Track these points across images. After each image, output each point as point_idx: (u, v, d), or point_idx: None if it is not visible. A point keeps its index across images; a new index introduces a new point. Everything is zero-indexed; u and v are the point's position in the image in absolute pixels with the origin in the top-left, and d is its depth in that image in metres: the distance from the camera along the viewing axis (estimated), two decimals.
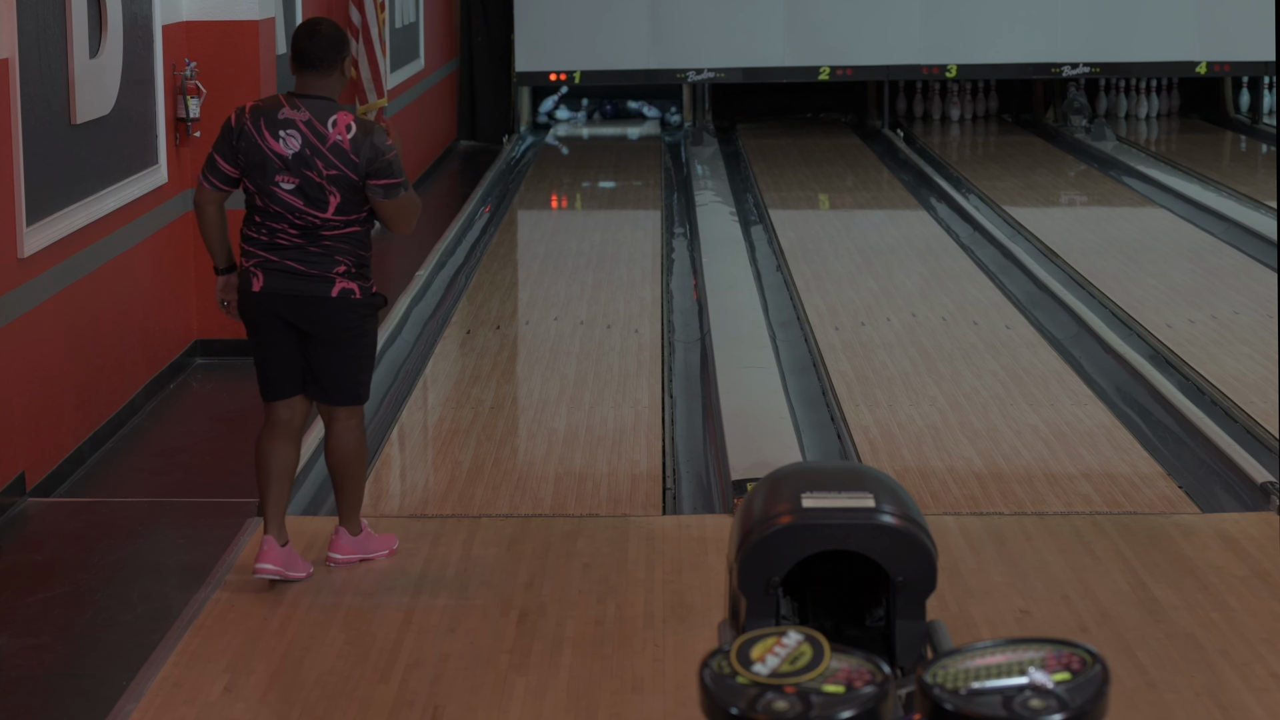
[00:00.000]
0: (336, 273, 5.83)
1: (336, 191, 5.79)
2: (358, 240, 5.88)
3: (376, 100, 13.01)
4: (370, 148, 5.82)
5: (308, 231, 5.82)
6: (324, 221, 5.81)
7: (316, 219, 5.81)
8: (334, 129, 5.80)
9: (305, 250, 5.83)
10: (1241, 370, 8.93)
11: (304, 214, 5.80)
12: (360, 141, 5.82)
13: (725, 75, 18.27)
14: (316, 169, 5.77)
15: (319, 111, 5.82)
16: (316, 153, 5.77)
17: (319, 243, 5.83)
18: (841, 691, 2.94)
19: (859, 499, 4.13)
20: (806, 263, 11.93)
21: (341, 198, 5.80)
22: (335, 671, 5.28)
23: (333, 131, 5.79)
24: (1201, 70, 18.45)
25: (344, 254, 5.84)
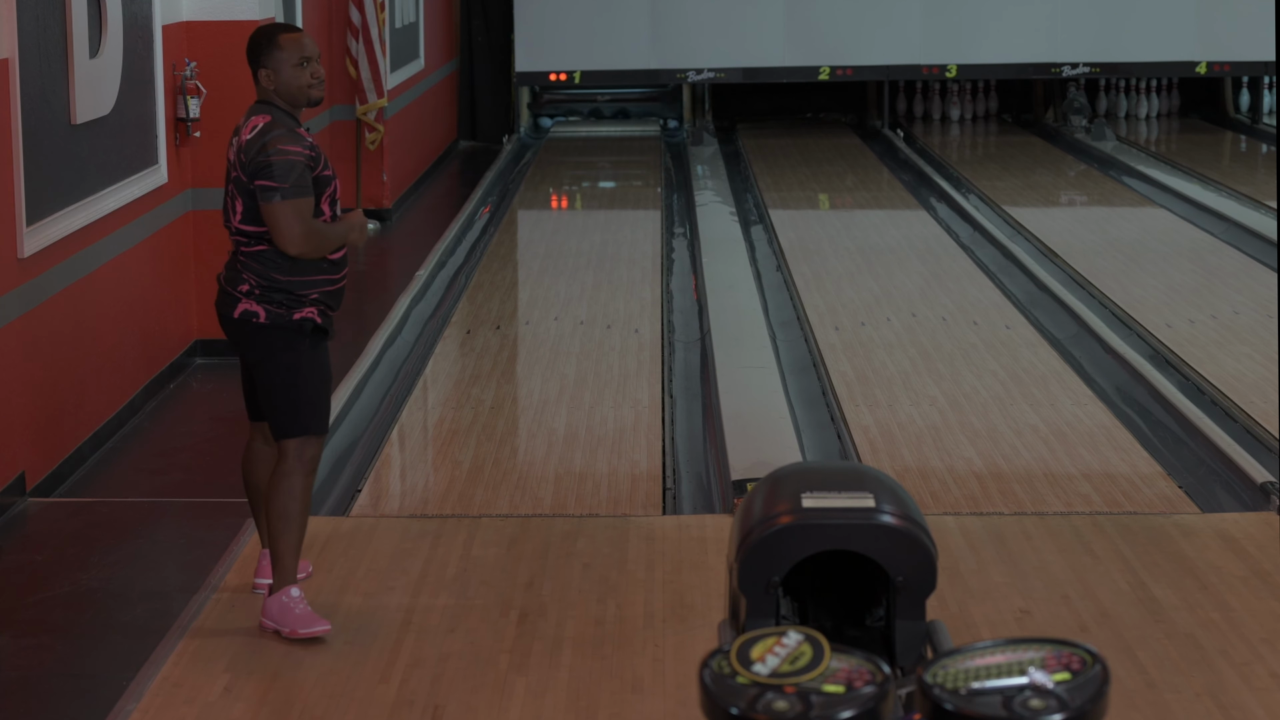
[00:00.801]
0: (240, 290, 5.51)
1: (238, 196, 5.46)
2: (265, 259, 5.44)
3: (376, 100, 13.01)
4: (259, 147, 5.39)
5: (234, 244, 5.56)
6: (235, 231, 5.51)
7: (230, 229, 5.54)
8: (245, 130, 5.48)
9: (229, 264, 5.60)
10: (1241, 370, 8.93)
11: (226, 224, 5.56)
12: (254, 141, 5.42)
13: (725, 75, 18.27)
14: (228, 173, 5.53)
15: (247, 114, 5.53)
16: (234, 157, 5.50)
17: (235, 257, 5.55)
18: (841, 691, 2.94)
19: (859, 499, 4.13)
20: (806, 263, 11.93)
21: (244, 205, 5.45)
22: (335, 671, 5.28)
23: (244, 133, 5.48)
24: (1201, 70, 18.45)
25: (250, 271, 5.47)
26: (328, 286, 5.57)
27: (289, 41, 5.46)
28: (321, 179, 5.45)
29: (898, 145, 17.94)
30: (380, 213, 13.46)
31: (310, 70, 5.47)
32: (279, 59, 5.46)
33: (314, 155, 5.42)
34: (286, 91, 5.46)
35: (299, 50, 5.45)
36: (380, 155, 13.48)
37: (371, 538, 6.48)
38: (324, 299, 5.57)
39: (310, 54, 5.47)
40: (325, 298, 5.58)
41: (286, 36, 5.47)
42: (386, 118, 13.44)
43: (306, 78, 5.46)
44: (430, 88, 16.42)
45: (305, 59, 5.45)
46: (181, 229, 8.90)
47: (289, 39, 5.47)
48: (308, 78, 5.46)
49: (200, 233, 9.06)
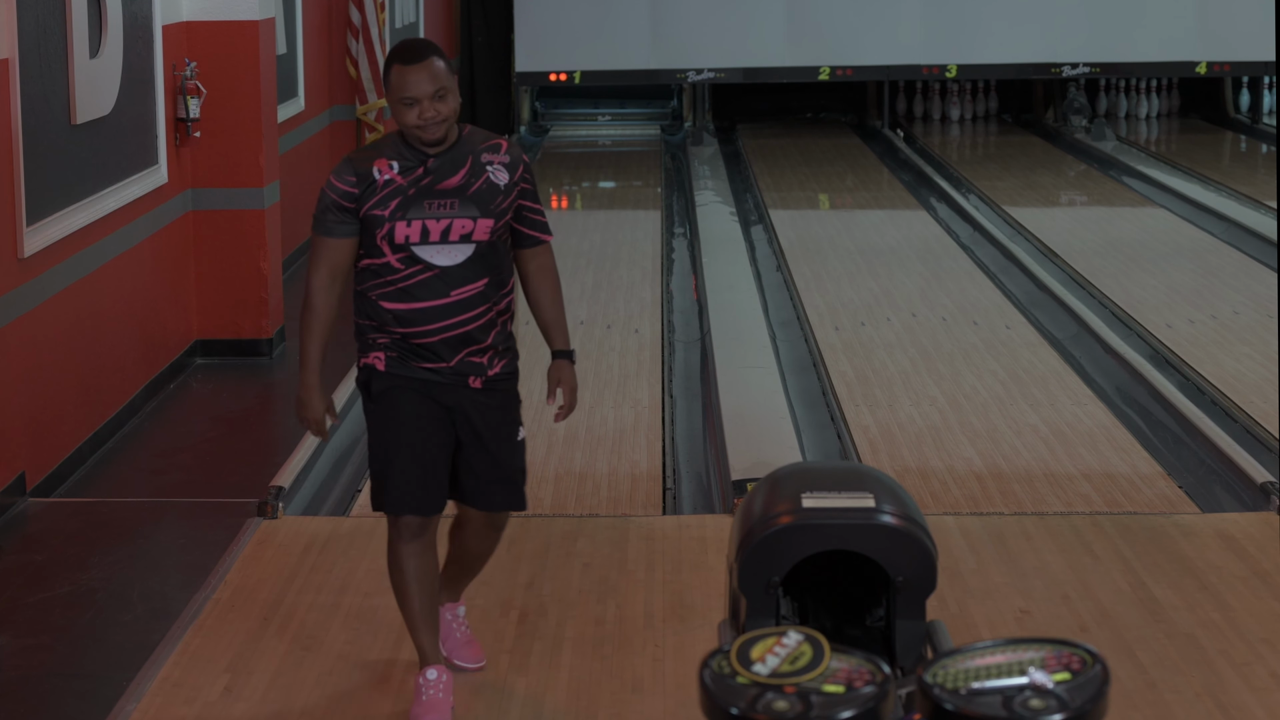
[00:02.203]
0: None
1: None
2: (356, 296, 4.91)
3: (376, 100, 13.01)
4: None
5: None
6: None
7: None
8: None
9: None
10: (1241, 370, 8.93)
11: None
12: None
13: (725, 75, 18.27)
14: None
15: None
16: None
17: None
18: (841, 691, 2.94)
19: (859, 499, 4.13)
20: (806, 263, 11.93)
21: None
22: (335, 672, 5.28)
23: None
24: (1201, 70, 18.45)
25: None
26: (402, 328, 4.80)
27: (395, 76, 4.73)
28: (370, 218, 4.72)
29: (898, 145, 17.94)
30: None
31: (419, 111, 4.70)
32: (390, 92, 4.77)
33: (354, 194, 4.72)
34: (398, 125, 4.78)
35: (401, 89, 4.71)
36: None
37: (371, 538, 6.47)
38: (398, 346, 4.82)
39: (415, 94, 4.68)
40: (401, 345, 4.82)
41: (395, 69, 4.74)
42: (386, 118, 13.44)
43: (412, 118, 4.71)
44: None
45: (410, 100, 4.70)
46: (182, 229, 8.90)
47: (395, 74, 4.74)
48: (414, 118, 4.71)
49: (200, 233, 9.06)
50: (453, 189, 4.77)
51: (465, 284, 4.77)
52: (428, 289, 4.77)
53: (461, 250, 4.76)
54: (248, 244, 9.10)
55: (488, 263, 4.80)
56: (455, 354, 4.80)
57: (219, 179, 9.05)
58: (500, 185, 4.79)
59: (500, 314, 4.85)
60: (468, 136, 4.85)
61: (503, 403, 4.90)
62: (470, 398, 4.84)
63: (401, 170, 4.77)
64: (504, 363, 4.88)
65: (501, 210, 4.78)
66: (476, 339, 4.80)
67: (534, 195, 4.93)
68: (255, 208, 9.10)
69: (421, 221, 4.74)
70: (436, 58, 4.77)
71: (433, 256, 4.75)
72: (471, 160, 4.80)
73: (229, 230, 9.08)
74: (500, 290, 4.83)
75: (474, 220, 4.75)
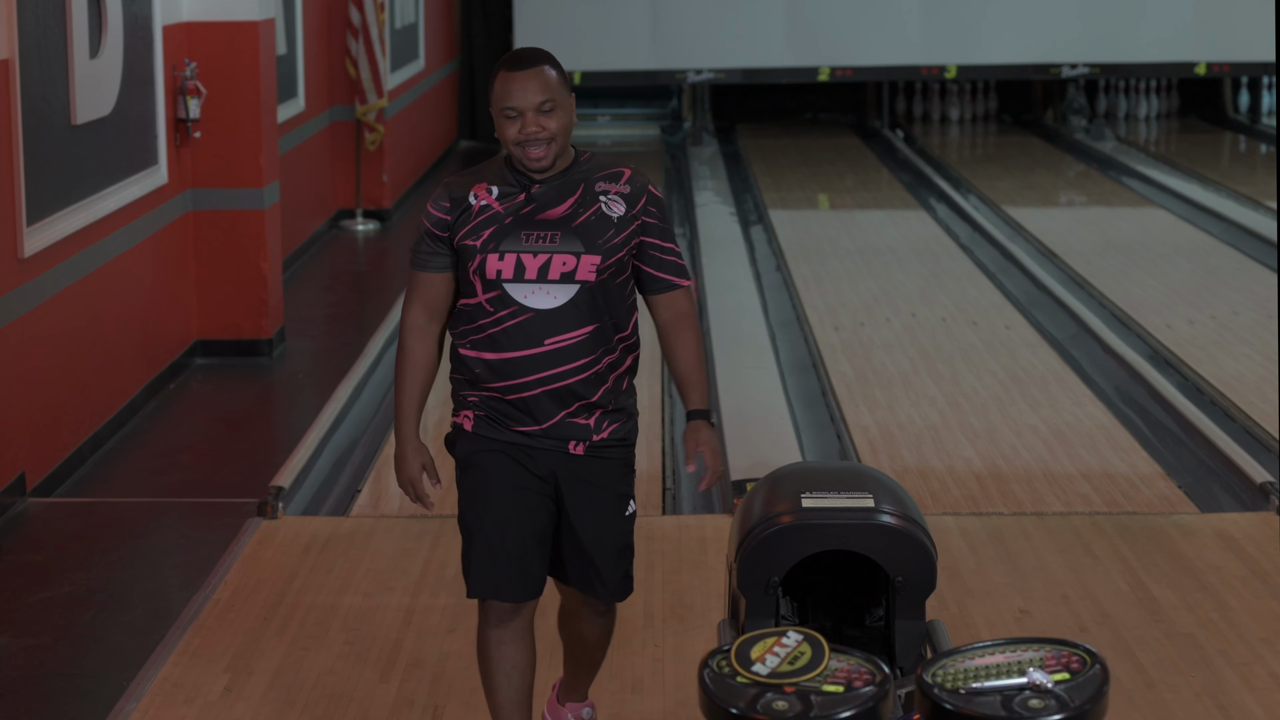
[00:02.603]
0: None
1: None
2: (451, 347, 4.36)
3: (376, 100, 13.01)
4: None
5: None
6: None
7: None
8: None
9: None
10: (1241, 370, 8.93)
11: None
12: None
13: (725, 75, 18.27)
14: None
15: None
16: None
17: None
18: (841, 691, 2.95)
19: (859, 499, 4.13)
20: (806, 263, 11.93)
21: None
22: (335, 671, 5.28)
23: None
24: (1201, 71, 18.45)
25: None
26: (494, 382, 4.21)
27: (498, 84, 4.15)
28: (461, 249, 4.17)
29: (897, 145, 17.94)
30: (380, 213, 13.47)
31: (521, 125, 4.11)
32: (493, 103, 4.19)
33: (447, 221, 4.18)
34: (500, 141, 4.20)
35: (503, 98, 4.12)
36: (380, 156, 13.48)
37: (371, 538, 6.48)
38: (489, 404, 4.25)
39: (518, 105, 4.09)
40: (492, 403, 4.24)
41: (499, 76, 4.16)
42: (386, 118, 13.44)
43: (513, 133, 4.12)
44: (430, 88, 16.42)
45: (512, 111, 4.12)
46: (182, 229, 8.91)
47: (498, 81, 4.16)
48: (514, 133, 4.12)
49: (200, 233, 9.06)
50: (556, 219, 4.15)
51: (565, 331, 4.14)
52: (520, 335, 4.15)
53: (562, 291, 4.13)
54: (248, 244, 9.10)
55: (595, 307, 4.16)
56: (553, 414, 4.17)
57: (219, 179, 9.05)
58: (613, 218, 4.15)
59: (613, 367, 4.21)
60: (584, 162, 4.22)
61: (611, 472, 4.27)
62: (571, 465, 4.23)
63: (501, 196, 4.17)
64: (615, 426, 4.25)
65: (612, 247, 4.14)
66: (579, 395, 4.17)
67: (664, 233, 4.24)
68: (255, 208, 9.10)
69: (516, 255, 4.13)
70: (548, 66, 4.14)
71: (527, 297, 4.14)
72: (583, 188, 4.18)
73: (229, 230, 9.08)
74: (612, 340, 4.19)
75: (577, 256, 4.12)
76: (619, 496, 4.29)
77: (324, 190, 12.91)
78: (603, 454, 4.24)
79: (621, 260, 4.17)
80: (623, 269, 4.19)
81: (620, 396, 4.25)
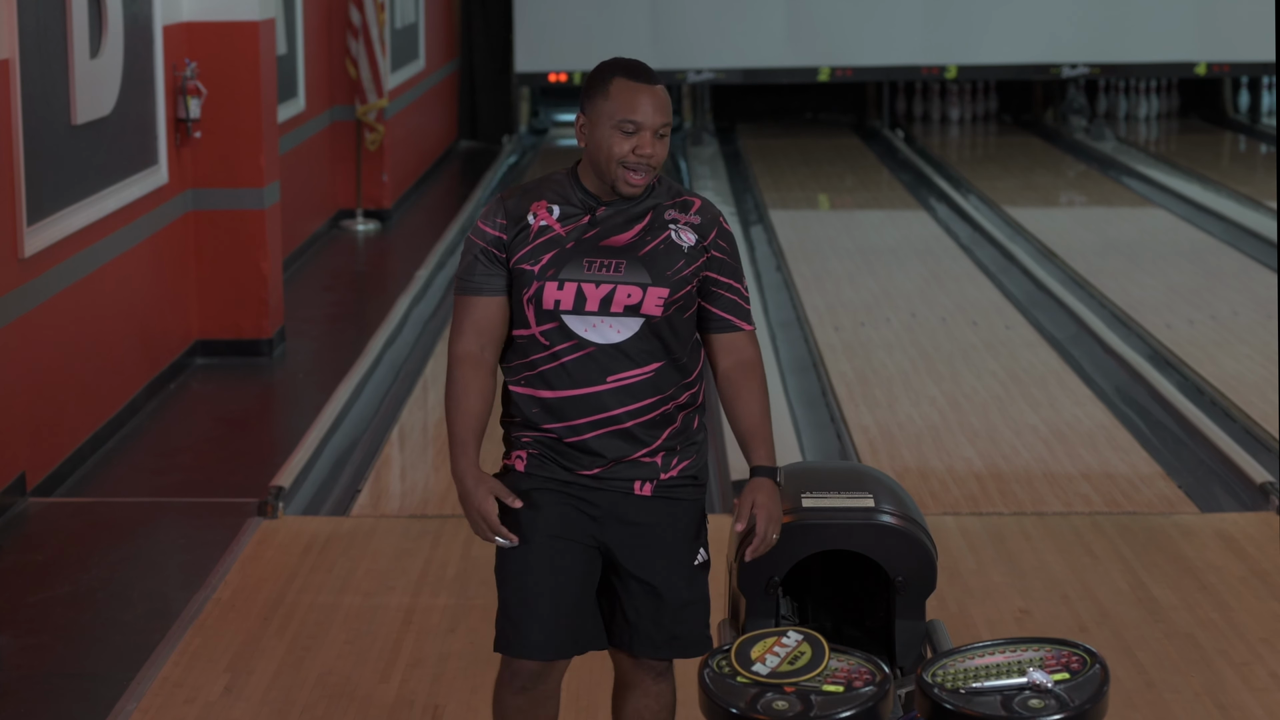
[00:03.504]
0: None
1: None
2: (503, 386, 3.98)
3: (376, 100, 13.01)
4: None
5: None
6: None
7: None
8: None
9: None
10: (1241, 370, 8.93)
11: None
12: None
13: (725, 75, 18.27)
14: None
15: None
16: None
17: None
18: (841, 691, 2.95)
19: (859, 499, 4.13)
20: (806, 263, 11.93)
21: None
22: (335, 671, 5.28)
23: None
24: (1201, 71, 18.45)
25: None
26: (549, 423, 3.86)
27: (620, 91, 3.79)
28: (517, 273, 3.80)
29: (897, 146, 17.94)
30: (380, 213, 13.47)
31: (638, 143, 3.76)
32: (600, 109, 3.81)
33: (504, 240, 3.82)
34: (594, 154, 3.81)
35: (628, 109, 3.77)
36: (380, 155, 13.48)
37: (371, 538, 6.48)
38: (543, 445, 3.89)
39: (643, 120, 3.75)
40: (547, 445, 3.88)
41: (620, 83, 3.80)
42: (387, 118, 13.44)
43: (626, 149, 3.77)
44: (430, 88, 16.42)
45: (633, 125, 3.77)
46: (182, 229, 8.91)
47: (619, 88, 3.79)
48: (627, 149, 3.77)
49: (200, 233, 9.06)
50: (621, 247, 3.81)
51: (628, 369, 3.80)
52: (580, 372, 3.80)
53: (626, 325, 3.79)
54: (248, 244, 9.10)
55: (661, 344, 3.82)
56: (612, 457, 3.82)
57: (219, 179, 9.05)
58: (684, 248, 3.82)
59: (681, 408, 3.87)
60: (654, 187, 3.88)
61: (680, 514, 3.89)
62: (636, 509, 3.85)
63: (562, 217, 3.82)
64: (685, 463, 3.89)
65: (681, 279, 3.81)
66: (641, 440, 3.83)
67: (733, 270, 3.89)
68: (255, 208, 9.10)
69: (577, 284, 3.77)
70: (663, 86, 3.84)
71: (587, 330, 3.78)
72: (652, 215, 3.84)
73: (229, 230, 9.08)
74: (678, 380, 3.85)
75: (643, 288, 3.78)
76: (689, 541, 3.90)
77: (324, 190, 12.91)
78: (672, 494, 3.87)
79: (690, 294, 3.83)
80: (690, 304, 3.85)
81: (689, 435, 3.89)
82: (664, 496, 3.86)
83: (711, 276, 3.86)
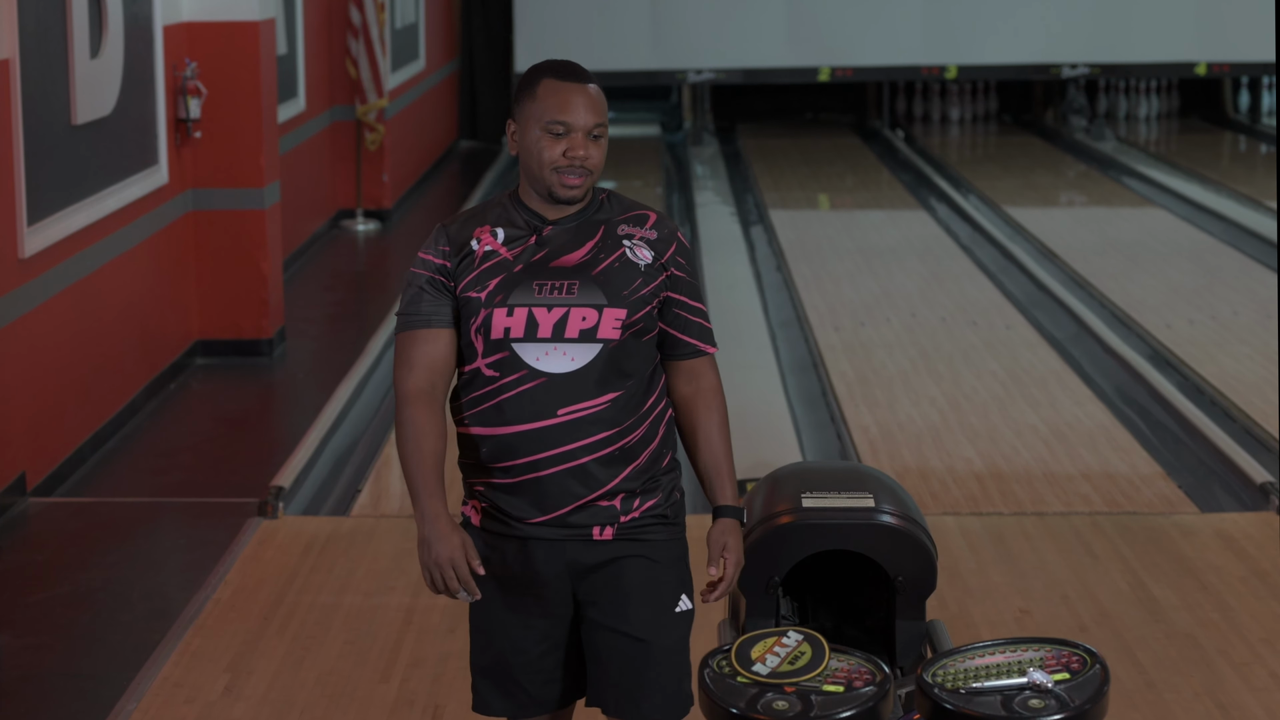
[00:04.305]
0: None
1: None
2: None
3: (377, 100, 13.01)
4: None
5: None
6: None
7: None
8: None
9: None
10: (1241, 370, 8.93)
11: None
12: None
13: (725, 75, 18.27)
14: None
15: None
16: None
17: None
18: (841, 691, 2.95)
19: (859, 499, 4.13)
20: (806, 263, 11.93)
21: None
22: (335, 671, 5.28)
23: None
24: (1201, 71, 18.45)
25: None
26: (498, 463, 3.55)
27: (547, 92, 3.55)
28: (464, 301, 3.53)
29: (898, 145, 17.94)
30: (381, 213, 13.47)
31: (569, 145, 3.53)
32: (528, 112, 3.56)
33: (448, 268, 3.55)
34: (526, 161, 3.57)
35: (556, 110, 3.53)
36: (381, 156, 13.48)
37: (371, 538, 6.48)
38: (494, 493, 3.58)
39: (572, 121, 3.53)
40: (497, 491, 3.57)
41: (547, 84, 3.56)
42: (387, 118, 13.44)
43: (557, 153, 3.53)
44: (430, 88, 16.42)
45: (562, 126, 3.53)
46: (182, 229, 8.91)
47: (546, 89, 3.55)
48: (559, 153, 3.53)
49: (200, 233, 9.06)
50: (573, 266, 3.53)
51: (580, 400, 3.49)
52: (530, 405, 3.50)
53: (581, 352, 3.50)
54: (248, 244, 9.11)
55: (618, 371, 3.52)
56: (567, 500, 3.52)
57: (219, 179, 9.05)
58: (640, 265, 3.54)
59: (644, 442, 3.57)
60: (604, 202, 3.63)
61: (651, 554, 3.57)
62: (598, 553, 3.55)
63: (508, 240, 3.55)
64: (650, 503, 3.58)
65: (639, 299, 3.52)
66: (598, 478, 3.51)
67: (692, 289, 3.61)
68: (255, 208, 9.10)
69: (528, 309, 3.49)
70: (597, 87, 3.61)
71: (539, 360, 3.49)
72: (604, 231, 3.57)
73: (229, 230, 9.08)
74: (637, 410, 3.55)
75: (599, 310, 3.49)
76: (665, 586, 3.57)
77: (324, 190, 12.91)
78: (638, 535, 3.56)
79: (649, 316, 3.53)
80: (649, 326, 3.54)
81: (655, 472, 3.58)
82: (628, 538, 3.55)
83: (672, 297, 3.57)
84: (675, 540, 3.62)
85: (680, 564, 3.62)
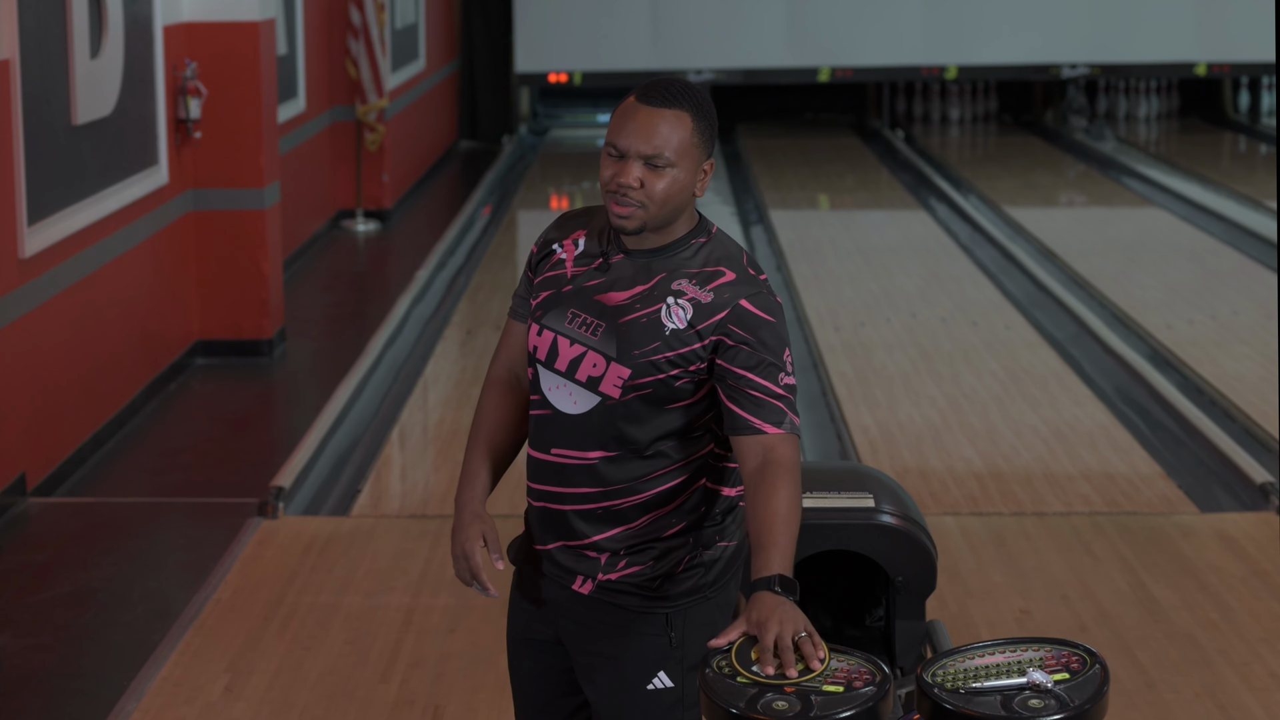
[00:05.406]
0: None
1: None
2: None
3: (377, 100, 13.01)
4: None
5: None
6: None
7: None
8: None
9: None
10: (1241, 370, 8.94)
11: None
12: None
13: (725, 75, 18.27)
14: None
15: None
16: None
17: None
18: (841, 691, 2.94)
19: (859, 499, 4.13)
20: (806, 263, 11.93)
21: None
22: (335, 671, 5.28)
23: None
24: (1201, 71, 18.45)
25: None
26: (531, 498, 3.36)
27: (620, 110, 3.25)
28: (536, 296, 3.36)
29: (897, 146, 17.94)
30: (381, 213, 13.47)
31: (618, 171, 3.20)
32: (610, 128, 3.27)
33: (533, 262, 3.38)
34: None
35: (616, 131, 3.21)
36: (380, 156, 13.48)
37: (371, 538, 6.48)
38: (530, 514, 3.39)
39: (627, 147, 3.18)
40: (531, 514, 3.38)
41: (626, 102, 3.26)
42: (387, 118, 13.44)
43: (607, 174, 3.22)
44: (430, 88, 16.42)
45: (615, 149, 3.20)
46: (182, 229, 8.91)
47: (623, 109, 3.25)
48: (608, 175, 3.22)
49: (200, 233, 9.07)
50: (610, 307, 3.24)
51: (572, 446, 3.26)
52: (537, 430, 3.32)
53: (583, 399, 3.24)
54: (248, 244, 9.11)
55: (616, 432, 3.23)
56: (549, 539, 3.32)
57: (219, 179, 9.06)
58: (666, 328, 3.19)
59: (642, 509, 3.26)
60: (697, 245, 3.30)
61: (626, 625, 3.28)
62: (579, 607, 3.31)
63: (581, 255, 3.31)
64: (635, 569, 3.27)
65: (649, 363, 3.19)
66: (576, 530, 3.27)
67: (755, 361, 3.17)
68: (255, 208, 9.10)
69: (554, 336, 3.27)
70: (690, 114, 3.23)
71: (551, 390, 3.28)
72: (660, 280, 3.24)
73: (229, 230, 9.08)
74: (639, 476, 3.25)
75: (607, 362, 3.21)
76: (636, 661, 3.27)
77: (324, 190, 12.92)
78: (614, 600, 3.27)
79: (663, 384, 3.19)
80: (664, 395, 3.20)
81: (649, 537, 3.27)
82: (603, 600, 3.26)
83: (730, 369, 3.17)
84: (654, 614, 3.26)
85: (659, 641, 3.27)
